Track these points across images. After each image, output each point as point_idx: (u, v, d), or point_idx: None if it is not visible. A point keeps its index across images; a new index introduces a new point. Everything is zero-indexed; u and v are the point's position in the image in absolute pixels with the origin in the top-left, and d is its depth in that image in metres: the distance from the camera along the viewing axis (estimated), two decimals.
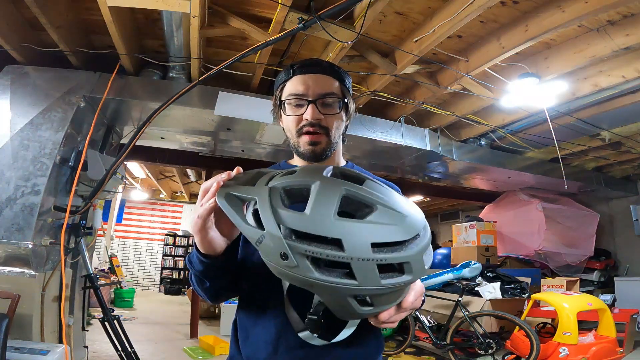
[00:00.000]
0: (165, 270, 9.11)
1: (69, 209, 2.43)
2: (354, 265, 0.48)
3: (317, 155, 0.83)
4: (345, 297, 0.51)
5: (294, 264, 0.49)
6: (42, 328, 2.39)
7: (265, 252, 0.52)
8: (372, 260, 0.48)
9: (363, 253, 0.48)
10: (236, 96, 3.02)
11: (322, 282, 0.49)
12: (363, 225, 0.50)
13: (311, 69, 0.84)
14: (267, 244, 0.51)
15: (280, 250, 0.49)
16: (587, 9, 2.11)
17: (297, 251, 0.49)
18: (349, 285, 0.49)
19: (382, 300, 0.54)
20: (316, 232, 0.49)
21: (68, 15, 2.47)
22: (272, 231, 0.50)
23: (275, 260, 0.50)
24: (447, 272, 4.15)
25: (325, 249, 0.48)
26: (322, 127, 0.81)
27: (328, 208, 0.50)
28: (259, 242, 0.51)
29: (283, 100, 0.84)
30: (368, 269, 0.48)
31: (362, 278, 0.49)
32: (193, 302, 4.65)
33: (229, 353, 0.83)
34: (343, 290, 0.50)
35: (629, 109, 3.24)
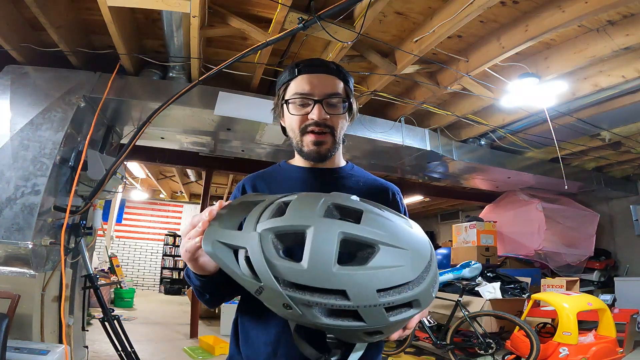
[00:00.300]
0: (165, 270, 9.11)
1: (69, 209, 2.43)
2: (362, 311, 0.47)
3: (322, 156, 0.83)
4: (355, 333, 0.52)
5: (299, 313, 0.48)
6: (42, 328, 2.39)
7: (266, 301, 0.50)
8: (380, 305, 0.47)
9: (369, 300, 0.47)
10: (236, 96, 3.02)
11: (332, 327, 0.49)
12: (367, 272, 0.48)
13: (317, 68, 0.84)
14: (267, 294, 0.49)
15: (281, 301, 0.48)
16: (587, 9, 2.11)
17: (300, 302, 0.48)
18: (358, 326, 0.49)
19: (391, 330, 0.55)
20: (318, 285, 0.47)
21: (68, 15, 2.47)
22: (270, 285, 0.48)
23: (279, 309, 0.50)
24: (447, 272, 4.15)
25: (330, 299, 0.47)
26: (327, 127, 0.82)
27: (327, 257, 0.48)
28: (258, 293, 0.50)
29: (287, 99, 0.84)
30: (376, 313, 0.48)
31: (370, 320, 0.48)
32: (193, 302, 4.65)
33: (229, 352, 0.83)
34: (353, 332, 0.51)
35: (629, 109, 3.24)
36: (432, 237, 9.44)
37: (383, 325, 0.49)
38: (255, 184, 0.87)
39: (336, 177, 0.89)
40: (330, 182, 0.87)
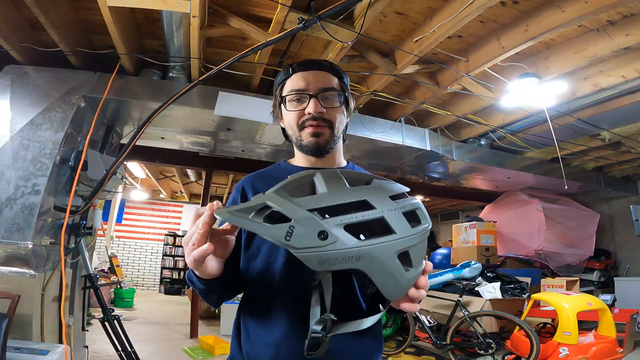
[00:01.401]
0: (165, 270, 9.11)
1: (69, 209, 2.43)
2: (388, 217, 0.52)
3: (321, 148, 0.83)
4: (392, 258, 0.53)
5: (335, 238, 0.49)
6: (42, 328, 2.39)
7: (299, 242, 0.50)
8: (398, 209, 0.53)
9: (389, 205, 0.53)
10: (236, 96, 3.02)
11: (369, 246, 0.51)
12: (375, 186, 0.56)
13: (310, 66, 0.85)
14: (299, 232, 0.50)
15: (317, 230, 0.49)
16: (587, 9, 2.11)
17: (334, 225, 0.50)
18: (391, 239, 0.52)
19: (416, 258, 0.56)
20: (342, 201, 0.52)
21: (68, 15, 2.47)
22: (302, 217, 0.50)
23: (314, 245, 0.49)
24: (447, 272, 4.15)
25: (358, 215, 0.51)
26: (324, 120, 0.82)
27: (340, 182, 0.54)
28: (289, 236, 0.49)
29: (284, 96, 0.85)
30: (399, 218, 0.53)
31: (398, 228, 0.52)
32: (193, 302, 4.65)
33: (230, 352, 0.83)
34: (389, 247, 0.52)
35: (629, 109, 3.24)
36: (432, 237, 9.45)
37: (409, 235, 0.53)
38: (254, 185, 0.87)
39: None
40: None
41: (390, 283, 0.55)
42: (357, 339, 0.75)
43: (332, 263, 0.50)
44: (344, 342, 0.73)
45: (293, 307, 0.73)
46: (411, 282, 0.57)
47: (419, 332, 3.90)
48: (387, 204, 0.53)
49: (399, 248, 0.53)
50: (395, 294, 0.57)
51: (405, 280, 0.55)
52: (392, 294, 0.56)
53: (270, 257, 0.77)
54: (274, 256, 0.77)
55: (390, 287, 0.55)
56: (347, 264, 0.50)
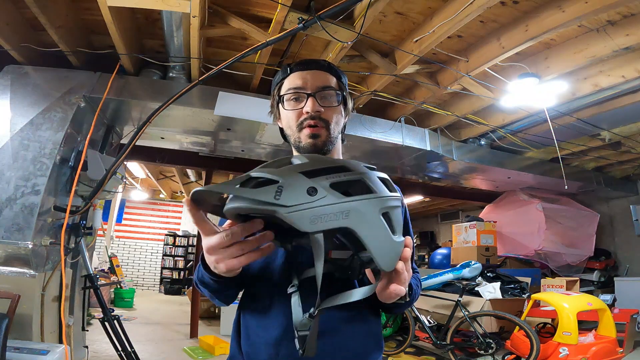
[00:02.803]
0: (165, 270, 9.11)
1: (69, 209, 2.43)
2: (366, 178, 0.55)
3: (318, 149, 0.82)
4: (378, 216, 0.54)
5: (325, 193, 0.50)
6: (42, 328, 2.38)
7: (289, 199, 0.49)
8: (374, 174, 0.57)
9: (365, 169, 0.57)
10: (236, 96, 3.02)
11: (356, 201, 0.52)
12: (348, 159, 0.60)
13: (308, 65, 0.85)
14: (288, 190, 0.49)
15: (305, 186, 0.50)
16: (587, 9, 2.11)
17: (320, 182, 0.51)
18: (374, 196, 0.54)
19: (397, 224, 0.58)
20: (325, 165, 0.54)
21: (68, 15, 2.47)
22: (289, 176, 0.50)
23: (305, 201, 0.49)
24: (447, 272, 4.15)
25: (341, 175, 0.53)
26: (322, 120, 0.82)
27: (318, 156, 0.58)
28: (278, 194, 0.48)
29: (282, 95, 0.85)
30: (376, 180, 0.56)
31: (377, 189, 0.55)
32: (193, 302, 4.65)
33: (230, 352, 0.83)
34: (373, 203, 0.54)
35: (629, 109, 3.24)
36: (432, 237, 9.46)
37: (386, 195, 0.56)
38: None
39: None
40: None
41: (381, 245, 0.55)
42: (357, 339, 0.75)
43: (323, 220, 0.50)
44: (344, 342, 0.73)
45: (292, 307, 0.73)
46: (399, 249, 0.58)
47: (419, 332, 3.90)
48: (364, 169, 0.57)
49: (382, 206, 0.55)
50: (388, 261, 0.57)
51: (394, 244, 0.56)
52: (385, 260, 0.56)
53: (269, 256, 0.77)
54: (272, 256, 0.78)
55: (381, 250, 0.55)
56: (338, 221, 0.50)
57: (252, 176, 0.52)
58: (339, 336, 0.74)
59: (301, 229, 0.49)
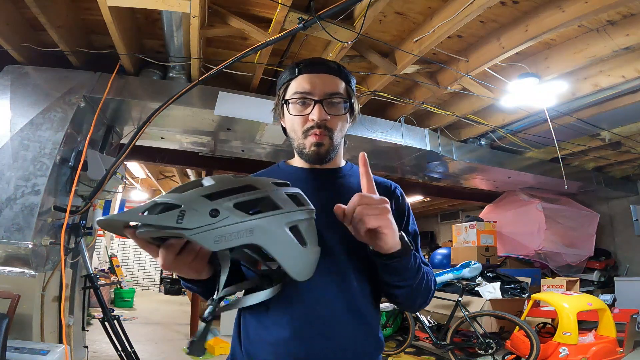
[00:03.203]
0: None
1: (69, 209, 2.43)
2: (273, 195, 0.57)
3: (321, 157, 0.82)
4: (284, 230, 0.56)
5: (227, 214, 0.52)
6: (42, 328, 2.38)
7: (191, 223, 0.50)
8: (281, 190, 0.59)
9: (273, 187, 0.59)
10: (236, 96, 3.01)
11: (260, 219, 0.54)
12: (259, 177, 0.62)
13: (318, 68, 0.83)
14: (190, 214, 0.51)
15: (208, 209, 0.52)
16: (587, 9, 2.11)
17: (223, 204, 0.53)
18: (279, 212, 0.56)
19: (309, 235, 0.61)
20: (231, 185, 0.56)
21: (68, 15, 2.47)
22: (191, 200, 0.52)
23: (207, 222, 0.51)
24: (447, 272, 4.16)
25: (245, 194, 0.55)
26: (327, 129, 0.80)
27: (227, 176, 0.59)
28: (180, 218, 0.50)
29: (287, 99, 0.83)
30: (283, 197, 0.58)
31: (284, 205, 0.57)
32: (193, 302, 4.65)
33: (230, 350, 0.84)
34: (278, 219, 0.56)
35: (629, 109, 3.24)
36: (432, 237, 9.45)
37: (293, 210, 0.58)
38: None
39: (335, 177, 0.88)
40: (329, 183, 0.87)
41: (289, 257, 0.57)
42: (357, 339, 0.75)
43: (227, 239, 0.51)
44: (344, 343, 0.73)
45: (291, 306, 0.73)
46: (312, 257, 0.60)
47: (419, 332, 3.90)
48: (271, 187, 0.59)
49: (287, 220, 0.57)
50: (298, 270, 0.59)
51: (304, 254, 0.58)
52: (295, 270, 0.58)
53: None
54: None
55: (290, 262, 0.57)
56: (242, 239, 0.52)
57: (156, 202, 0.54)
58: (339, 337, 0.74)
59: (207, 248, 0.51)
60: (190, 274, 0.64)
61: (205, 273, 0.67)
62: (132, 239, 0.56)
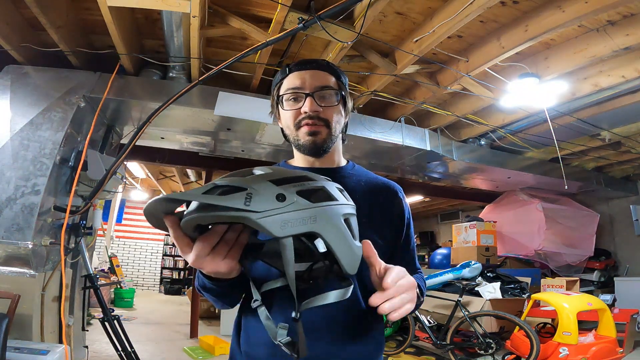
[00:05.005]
0: (165, 270, 9.12)
1: (69, 209, 2.43)
2: (328, 187, 0.58)
3: (318, 147, 0.82)
4: (341, 221, 0.57)
5: (293, 200, 0.52)
6: (42, 328, 2.38)
7: (259, 205, 0.49)
8: (333, 184, 0.60)
9: (326, 179, 0.59)
10: (236, 96, 3.02)
11: (323, 207, 0.54)
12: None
13: (307, 65, 0.85)
14: (257, 197, 0.50)
15: (274, 193, 0.51)
16: (587, 9, 2.11)
17: (287, 190, 0.52)
18: (336, 203, 0.57)
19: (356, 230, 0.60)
20: (289, 175, 0.56)
21: (68, 15, 2.47)
22: (257, 183, 0.51)
23: (275, 207, 0.50)
24: (447, 272, 4.15)
25: (305, 183, 0.56)
26: (321, 119, 0.81)
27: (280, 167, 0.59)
28: (248, 200, 0.49)
29: (281, 96, 0.85)
30: (336, 190, 0.59)
31: (337, 197, 0.58)
32: (193, 302, 4.65)
33: (230, 350, 0.84)
34: (337, 209, 0.56)
35: (629, 109, 3.24)
36: (432, 237, 9.45)
37: (346, 203, 0.59)
38: None
39: (336, 177, 0.87)
40: None
41: (344, 249, 0.57)
42: (358, 341, 0.75)
43: (293, 225, 0.51)
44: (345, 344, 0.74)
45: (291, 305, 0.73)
46: (359, 253, 0.60)
47: (419, 332, 3.90)
48: (324, 179, 0.59)
49: (343, 212, 0.57)
50: (350, 263, 0.59)
51: (355, 248, 0.59)
52: (349, 264, 0.58)
53: None
54: None
55: (345, 254, 0.57)
56: (306, 226, 0.52)
57: (216, 184, 0.51)
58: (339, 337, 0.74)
59: (272, 234, 0.50)
60: (220, 271, 0.61)
61: (235, 271, 0.63)
62: (171, 228, 0.54)
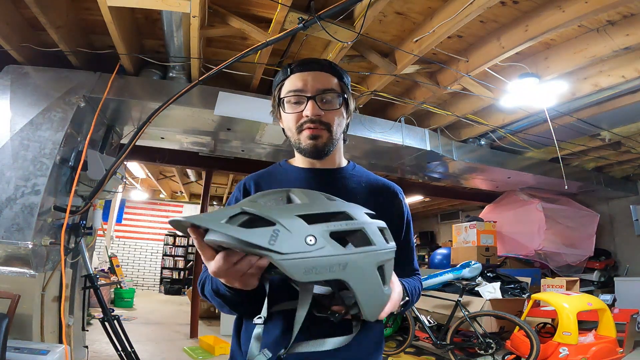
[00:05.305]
0: (165, 270, 9.11)
1: (69, 209, 2.43)
2: (368, 229, 0.51)
3: (319, 150, 0.82)
4: (374, 270, 0.51)
5: (323, 244, 0.47)
6: (42, 328, 2.38)
7: (284, 247, 0.45)
8: (374, 224, 0.53)
9: (366, 218, 0.53)
10: (236, 96, 3.02)
11: (356, 254, 0.49)
12: (349, 203, 0.56)
13: (309, 66, 0.84)
14: (285, 236, 0.46)
15: (304, 234, 0.46)
16: (587, 9, 2.11)
17: (320, 230, 0.47)
18: (372, 250, 0.51)
19: (388, 275, 0.55)
20: (324, 210, 0.50)
21: (68, 15, 2.47)
22: (288, 220, 0.47)
23: (301, 250, 0.46)
24: (447, 272, 4.15)
25: (342, 223, 0.50)
26: (322, 123, 0.81)
27: (318, 195, 0.53)
28: (273, 239, 0.45)
29: (282, 98, 0.84)
30: (376, 232, 0.53)
31: (376, 241, 0.52)
32: (193, 302, 4.65)
33: (230, 350, 0.84)
34: (372, 257, 0.51)
35: (629, 109, 3.24)
36: (432, 237, 9.45)
37: (385, 249, 0.53)
38: (258, 182, 0.87)
39: (337, 178, 0.88)
40: (331, 183, 0.86)
41: (371, 298, 0.52)
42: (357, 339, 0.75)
43: (318, 272, 0.46)
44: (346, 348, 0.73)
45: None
46: (386, 300, 0.56)
47: (419, 332, 3.89)
48: (365, 217, 0.53)
49: (379, 260, 0.52)
50: (373, 312, 0.55)
51: (383, 296, 0.54)
52: (371, 311, 0.54)
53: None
54: None
55: (370, 304, 0.53)
56: (333, 273, 0.47)
57: (244, 210, 0.48)
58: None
59: (293, 278, 0.45)
60: (237, 284, 0.60)
61: (253, 285, 0.62)
62: (195, 240, 0.52)
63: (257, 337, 0.62)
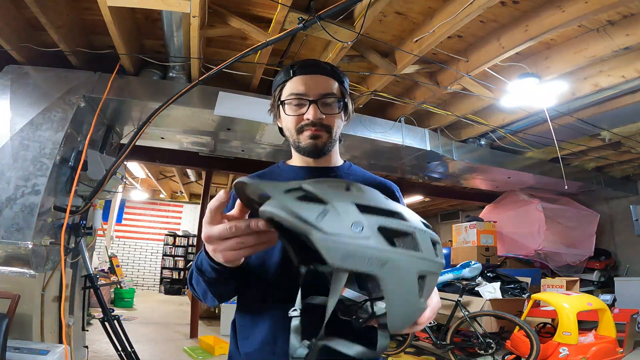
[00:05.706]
0: (165, 270, 9.11)
1: (69, 209, 2.43)
2: (418, 235, 0.49)
3: (319, 150, 0.83)
4: (414, 277, 0.48)
5: (368, 234, 0.45)
6: (42, 328, 2.38)
7: (329, 226, 0.44)
8: (428, 233, 0.51)
9: (421, 225, 0.51)
10: (236, 96, 3.02)
11: (399, 254, 0.47)
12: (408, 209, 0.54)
13: (311, 69, 0.85)
14: (332, 216, 0.44)
15: (352, 219, 0.45)
16: (587, 9, 2.11)
17: (368, 221, 0.46)
18: (419, 256, 0.48)
19: (428, 289, 0.52)
20: (379, 205, 0.49)
21: (68, 15, 2.47)
22: (340, 203, 0.45)
23: (346, 234, 0.44)
24: (447, 272, 4.15)
25: (394, 221, 0.48)
26: (323, 126, 0.82)
27: (377, 193, 0.52)
28: (321, 216, 0.44)
29: (283, 100, 0.85)
30: (428, 242, 0.50)
31: (425, 249, 0.49)
32: (193, 302, 4.65)
33: (229, 351, 0.84)
34: (415, 263, 0.48)
35: (629, 109, 3.24)
36: None
37: (432, 259, 0.50)
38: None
39: (334, 177, 0.89)
40: None
41: (402, 306, 0.49)
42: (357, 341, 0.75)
43: (355, 261, 0.44)
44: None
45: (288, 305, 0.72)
46: (418, 315, 0.53)
47: (419, 332, 3.90)
48: (420, 225, 0.51)
49: (422, 268, 0.49)
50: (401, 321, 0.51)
51: (416, 308, 0.51)
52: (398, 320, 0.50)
53: (266, 252, 0.77)
54: (269, 252, 0.77)
55: (400, 311, 0.49)
56: (369, 267, 0.45)
57: (302, 187, 0.48)
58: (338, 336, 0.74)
59: (328, 261, 0.43)
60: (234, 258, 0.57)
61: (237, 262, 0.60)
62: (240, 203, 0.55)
63: (296, 329, 0.60)
